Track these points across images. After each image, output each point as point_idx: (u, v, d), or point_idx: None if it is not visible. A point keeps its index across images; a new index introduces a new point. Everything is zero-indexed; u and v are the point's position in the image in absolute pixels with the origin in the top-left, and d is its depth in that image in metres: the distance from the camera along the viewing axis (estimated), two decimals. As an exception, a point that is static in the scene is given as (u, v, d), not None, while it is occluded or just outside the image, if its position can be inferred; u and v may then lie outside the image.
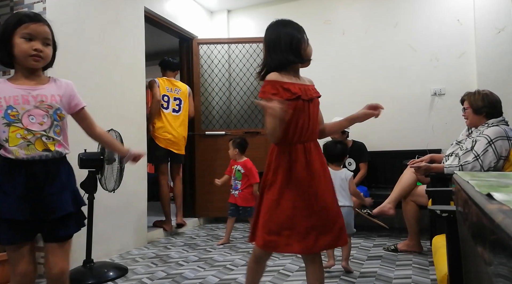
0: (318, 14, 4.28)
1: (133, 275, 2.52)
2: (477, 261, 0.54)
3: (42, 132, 1.35)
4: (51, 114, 1.37)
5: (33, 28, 1.35)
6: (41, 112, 1.35)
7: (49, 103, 1.37)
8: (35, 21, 1.35)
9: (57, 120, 1.39)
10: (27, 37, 1.34)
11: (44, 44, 1.37)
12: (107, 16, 3.05)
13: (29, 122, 1.33)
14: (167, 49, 5.84)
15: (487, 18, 3.55)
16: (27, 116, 1.34)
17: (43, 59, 1.38)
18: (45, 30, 1.38)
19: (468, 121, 2.50)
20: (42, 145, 1.35)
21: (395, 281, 2.23)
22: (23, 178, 1.33)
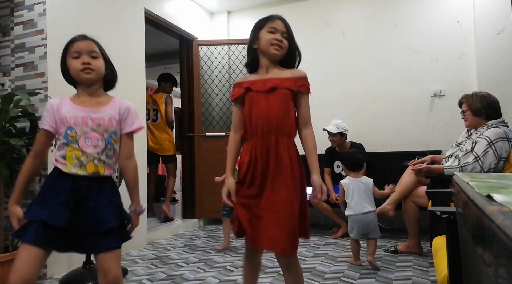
0: (318, 15, 4.29)
1: (133, 276, 2.51)
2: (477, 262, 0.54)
3: (95, 155, 1.38)
4: (106, 138, 1.41)
5: (77, 46, 1.41)
6: (97, 135, 1.39)
7: (106, 127, 1.41)
8: (78, 40, 1.43)
9: (111, 144, 1.42)
10: (75, 55, 1.41)
11: (91, 57, 1.42)
12: (108, 18, 3.06)
13: (84, 144, 1.37)
14: (167, 50, 5.86)
15: (487, 19, 3.55)
16: (83, 139, 1.37)
17: (93, 70, 1.41)
18: (88, 44, 1.43)
19: (467, 123, 2.50)
20: (93, 167, 1.38)
21: (395, 282, 2.23)
22: (67, 188, 1.35)
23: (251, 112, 1.46)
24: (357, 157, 2.69)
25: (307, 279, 2.33)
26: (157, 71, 6.70)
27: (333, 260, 2.72)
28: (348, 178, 2.64)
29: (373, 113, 4.01)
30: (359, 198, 2.54)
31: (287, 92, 1.44)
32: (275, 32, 1.48)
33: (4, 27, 2.72)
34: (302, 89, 1.46)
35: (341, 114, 3.91)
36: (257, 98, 1.46)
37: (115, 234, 1.43)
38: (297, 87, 1.45)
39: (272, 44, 1.47)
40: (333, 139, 3.63)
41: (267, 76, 1.48)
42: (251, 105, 1.47)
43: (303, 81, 1.47)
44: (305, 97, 1.48)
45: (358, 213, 2.52)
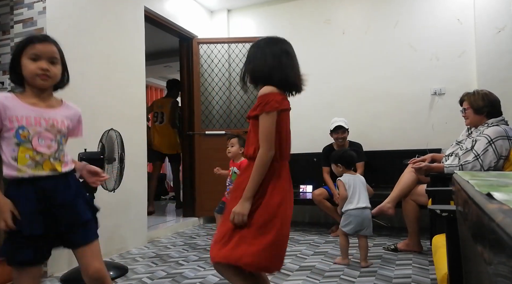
0: (318, 13, 4.28)
1: (133, 274, 2.52)
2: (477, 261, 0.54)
3: (50, 154, 1.37)
4: (58, 139, 1.40)
5: (39, 48, 1.36)
6: (50, 136, 1.37)
7: (59, 129, 1.40)
8: (41, 42, 1.37)
9: (62, 145, 1.42)
10: (33, 57, 1.35)
11: (51, 63, 1.38)
12: (107, 16, 3.05)
13: (38, 144, 1.35)
14: (167, 48, 5.85)
15: (487, 17, 3.55)
16: (37, 138, 1.35)
17: (50, 78, 1.38)
18: (51, 49, 1.39)
19: (468, 121, 2.50)
20: (49, 166, 1.37)
21: (395, 280, 2.23)
22: (32, 193, 1.33)
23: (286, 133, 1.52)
24: (353, 155, 2.77)
25: (307, 278, 2.34)
26: (157, 69, 6.71)
27: (333, 259, 2.73)
28: (346, 175, 2.67)
29: (373, 112, 4.01)
30: (358, 193, 2.60)
31: (250, 121, 1.49)
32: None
33: (4, 25, 2.71)
34: (257, 112, 1.43)
35: (341, 113, 3.91)
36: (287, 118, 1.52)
37: (90, 226, 1.44)
38: (253, 110, 1.44)
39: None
40: (343, 136, 3.60)
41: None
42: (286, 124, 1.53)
43: (257, 102, 1.43)
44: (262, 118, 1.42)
45: (357, 208, 2.56)
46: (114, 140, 2.49)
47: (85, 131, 1.57)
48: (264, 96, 1.41)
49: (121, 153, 2.52)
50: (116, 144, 2.49)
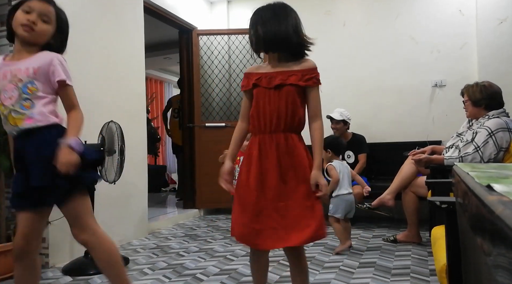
0: (319, 5, 4.25)
1: (134, 265, 2.54)
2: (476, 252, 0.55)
3: (10, 106, 1.33)
4: (20, 87, 1.33)
5: (34, 3, 1.36)
6: (12, 86, 1.34)
7: (20, 77, 1.33)
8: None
9: (27, 94, 1.32)
10: (26, 9, 1.36)
11: (41, 20, 1.37)
12: (106, 7, 3.03)
13: (4, 97, 1.34)
14: (167, 40, 5.81)
15: (489, 8, 3.52)
16: (3, 92, 1.35)
17: (34, 31, 1.35)
18: (45, 7, 1.38)
19: (467, 113, 2.51)
20: (12, 120, 1.34)
21: (394, 271, 2.25)
22: (14, 151, 1.39)
23: (259, 109, 1.43)
24: (342, 142, 2.96)
25: (306, 268, 2.35)
26: (157, 61, 6.68)
27: (332, 250, 2.74)
28: (336, 161, 2.79)
29: (373, 104, 4.00)
30: (346, 179, 2.75)
31: (293, 90, 1.40)
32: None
33: (2, 16, 2.69)
34: (310, 83, 1.41)
35: (341, 105, 3.89)
36: (263, 95, 1.42)
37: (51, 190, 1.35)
38: (304, 81, 1.40)
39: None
40: (336, 127, 3.62)
41: (274, 70, 1.44)
42: (258, 101, 1.44)
43: (311, 73, 1.41)
44: (314, 90, 1.43)
45: (347, 193, 2.71)
46: (114, 132, 2.49)
47: (85, 124, 1.47)
48: (315, 69, 1.44)
49: (121, 145, 2.52)
50: (116, 136, 2.49)
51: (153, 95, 7.48)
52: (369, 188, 2.86)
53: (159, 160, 7.46)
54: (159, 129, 7.51)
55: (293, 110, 1.41)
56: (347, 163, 3.67)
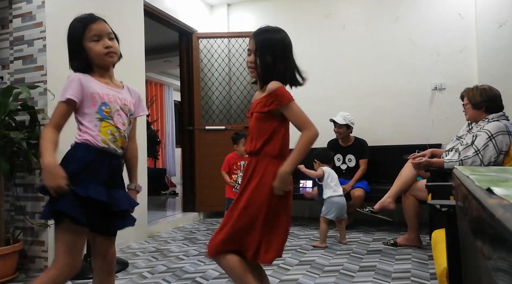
0: (319, 8, 4.26)
1: (134, 269, 2.53)
2: (476, 256, 0.54)
3: (123, 132, 1.44)
4: (129, 117, 1.48)
5: (96, 28, 1.41)
6: (124, 114, 1.45)
7: (130, 108, 1.48)
8: (94, 21, 1.42)
9: (129, 125, 1.49)
10: (95, 39, 1.40)
11: (110, 39, 1.43)
12: (106, 10, 3.04)
13: (118, 121, 1.42)
14: (167, 43, 5.83)
15: (488, 12, 3.53)
16: (117, 115, 1.42)
17: (116, 53, 1.44)
18: (105, 26, 1.45)
19: (467, 116, 2.51)
20: (122, 142, 1.44)
21: (394, 275, 2.24)
22: (106, 167, 1.38)
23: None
24: (330, 153, 3.31)
25: (306, 272, 2.35)
26: (157, 64, 6.69)
27: (332, 253, 2.74)
28: (325, 167, 3.09)
29: (373, 107, 4.01)
30: (336, 182, 3.04)
31: (258, 116, 1.45)
32: (250, 53, 1.49)
33: (3, 19, 2.70)
34: (273, 106, 1.40)
35: (341, 108, 3.90)
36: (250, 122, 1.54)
37: (126, 217, 1.48)
38: (268, 106, 1.41)
39: (248, 67, 1.51)
40: (339, 131, 3.62)
41: (255, 99, 1.53)
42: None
43: (272, 97, 1.40)
44: (285, 109, 1.41)
45: (338, 195, 2.98)
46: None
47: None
48: (275, 91, 1.40)
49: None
50: (116, 139, 2.49)
51: (153, 98, 7.49)
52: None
53: (159, 163, 7.46)
54: (159, 132, 7.52)
55: (260, 134, 1.45)
56: (348, 166, 3.69)
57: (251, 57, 1.47)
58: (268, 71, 1.44)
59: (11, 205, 2.57)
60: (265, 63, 1.44)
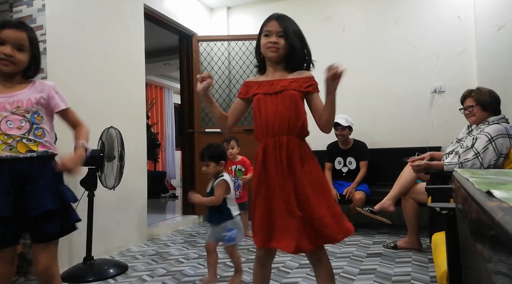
0: (318, 10, 4.27)
1: (133, 272, 2.52)
2: (477, 258, 0.54)
3: (22, 135, 1.38)
4: (28, 118, 1.40)
5: (6, 33, 1.37)
6: (18, 117, 1.38)
7: (25, 108, 1.39)
8: (10, 27, 1.38)
9: (37, 124, 1.41)
10: (0, 41, 1.37)
11: (17, 49, 1.38)
12: (107, 13, 3.04)
13: (7, 127, 1.36)
14: (167, 46, 5.84)
15: (487, 15, 3.54)
16: (5, 122, 1.36)
17: (13, 64, 1.39)
18: (19, 36, 1.39)
19: (474, 118, 2.43)
20: (24, 147, 1.38)
21: (394, 278, 2.24)
22: (7, 175, 1.35)
23: (261, 114, 1.48)
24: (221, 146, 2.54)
25: (306, 275, 2.34)
26: (157, 67, 6.70)
27: (332, 256, 2.73)
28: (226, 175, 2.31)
29: (373, 110, 4.01)
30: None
31: (295, 93, 1.45)
32: (270, 35, 1.49)
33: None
34: (311, 89, 1.47)
35: (340, 110, 3.89)
36: (265, 100, 1.48)
37: (55, 219, 1.41)
38: (305, 88, 1.46)
39: (268, 48, 1.48)
40: (342, 133, 3.61)
41: (274, 78, 1.50)
42: (259, 107, 1.49)
43: (310, 81, 1.48)
44: (316, 96, 1.48)
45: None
46: (114, 138, 2.49)
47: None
48: (313, 78, 1.52)
49: (121, 151, 2.52)
50: (116, 142, 2.49)
51: (153, 101, 7.49)
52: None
53: (159, 166, 7.45)
54: (159, 135, 7.52)
55: (296, 112, 1.45)
56: (349, 169, 3.68)
57: (273, 38, 1.47)
58: (297, 55, 1.49)
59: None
60: (297, 47, 1.48)
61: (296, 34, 1.50)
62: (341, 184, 3.61)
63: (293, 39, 1.48)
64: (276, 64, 1.52)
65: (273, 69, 1.53)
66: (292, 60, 1.50)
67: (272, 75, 1.52)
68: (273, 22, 1.49)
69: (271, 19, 1.51)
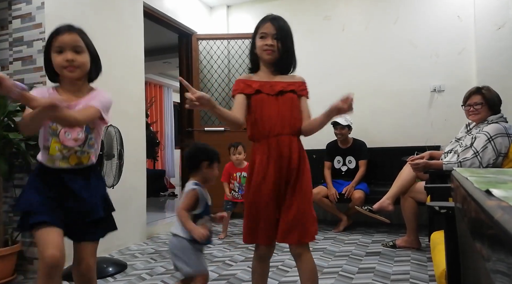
0: (318, 9, 4.27)
1: (132, 270, 2.52)
2: (475, 257, 0.54)
3: (77, 148, 1.39)
4: (84, 129, 1.40)
5: (61, 40, 1.35)
6: (77, 128, 1.38)
7: None
8: (63, 33, 1.36)
9: (90, 133, 1.42)
10: (58, 50, 1.36)
11: (75, 52, 1.36)
12: (106, 11, 3.04)
13: (65, 138, 1.37)
14: (166, 45, 5.83)
15: (487, 14, 3.54)
16: (63, 132, 1.37)
17: (78, 68, 1.37)
18: (72, 38, 1.37)
19: (479, 116, 2.41)
20: (75, 159, 1.39)
21: (393, 277, 2.24)
22: (53, 185, 1.36)
23: (262, 114, 1.50)
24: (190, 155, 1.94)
25: (305, 274, 2.34)
26: (156, 66, 6.69)
27: (331, 255, 2.74)
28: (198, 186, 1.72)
29: (372, 109, 4.01)
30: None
31: (294, 96, 1.53)
32: (265, 37, 1.49)
33: (2, 20, 2.70)
34: (304, 93, 1.56)
35: (340, 109, 3.90)
36: (268, 101, 1.50)
37: (101, 225, 1.46)
38: (300, 91, 1.55)
39: (264, 50, 1.50)
40: (341, 132, 3.61)
41: (270, 80, 1.53)
42: (262, 107, 1.50)
43: (304, 86, 1.58)
44: (304, 99, 1.57)
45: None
46: (113, 136, 2.49)
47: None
48: (305, 83, 1.59)
49: (120, 149, 2.52)
50: (115, 140, 2.49)
51: (152, 100, 7.49)
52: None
53: (158, 164, 7.45)
54: (158, 133, 7.51)
55: (296, 114, 1.52)
56: (348, 168, 3.68)
57: (268, 40, 1.48)
58: (289, 57, 1.54)
59: (10, 206, 2.56)
60: (289, 49, 1.52)
61: (289, 36, 1.53)
62: (340, 183, 3.61)
63: (287, 42, 1.51)
64: (270, 65, 1.54)
65: (267, 70, 1.55)
66: (285, 62, 1.54)
67: (267, 76, 1.54)
68: (269, 24, 1.50)
69: (266, 20, 1.52)
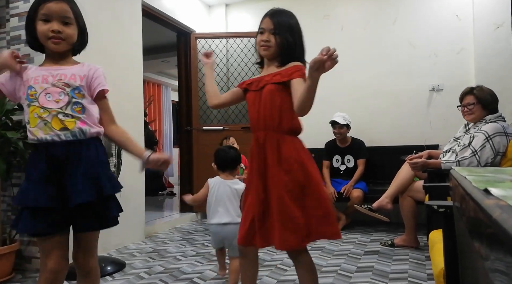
0: (317, 9, 4.26)
1: (131, 269, 2.52)
2: (474, 256, 0.54)
3: (58, 109, 1.25)
4: (68, 91, 1.27)
5: (49, 7, 1.25)
6: (58, 89, 1.26)
7: (67, 82, 1.28)
8: (51, 0, 1.26)
9: (76, 98, 1.28)
10: (43, 18, 1.25)
11: (63, 23, 1.28)
12: (104, 10, 3.03)
13: (45, 100, 1.25)
14: (165, 43, 5.82)
15: (485, 14, 3.54)
16: (44, 95, 1.25)
17: (64, 40, 1.28)
18: (61, 7, 1.27)
19: (473, 116, 2.42)
20: (59, 123, 1.25)
21: (391, 275, 2.25)
22: (43, 161, 1.24)
23: (249, 110, 1.54)
24: (228, 153, 2.17)
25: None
26: (155, 64, 6.68)
27: (330, 254, 2.74)
28: (216, 178, 2.14)
29: (371, 108, 4.01)
30: (222, 205, 2.06)
31: (272, 88, 1.42)
32: (263, 32, 1.48)
33: (0, 19, 2.69)
34: (295, 75, 1.38)
35: (339, 109, 3.90)
36: (252, 98, 1.51)
37: (92, 213, 1.27)
38: (288, 76, 1.39)
39: (260, 46, 1.48)
40: (340, 132, 3.62)
41: (264, 74, 1.52)
42: (248, 104, 1.55)
43: (294, 69, 1.41)
44: (298, 82, 1.36)
45: (215, 223, 2.04)
46: (112, 135, 2.47)
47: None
48: (300, 66, 1.43)
49: (118, 148, 2.51)
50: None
51: (151, 98, 7.48)
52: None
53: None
54: (157, 132, 7.50)
55: (271, 108, 1.43)
56: (347, 167, 3.69)
57: (265, 35, 1.46)
58: (290, 50, 1.46)
59: (8, 205, 2.56)
60: (287, 43, 1.45)
61: (290, 28, 1.46)
62: (339, 182, 3.62)
63: (285, 36, 1.44)
64: (270, 61, 1.52)
65: (267, 66, 1.54)
66: (286, 56, 1.47)
67: (266, 71, 1.53)
68: (267, 19, 1.49)
69: (265, 16, 1.51)
